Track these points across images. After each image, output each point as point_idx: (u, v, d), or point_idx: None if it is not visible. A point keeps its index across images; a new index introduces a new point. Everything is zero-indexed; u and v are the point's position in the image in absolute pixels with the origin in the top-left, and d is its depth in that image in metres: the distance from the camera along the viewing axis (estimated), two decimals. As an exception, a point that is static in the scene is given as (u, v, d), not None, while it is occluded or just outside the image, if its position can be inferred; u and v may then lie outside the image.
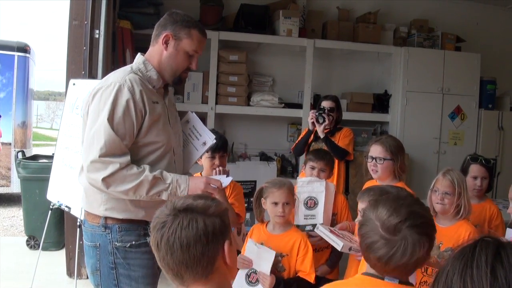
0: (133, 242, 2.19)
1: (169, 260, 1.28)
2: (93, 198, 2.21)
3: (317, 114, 4.28)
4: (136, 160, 2.15)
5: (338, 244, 2.63)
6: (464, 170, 3.34)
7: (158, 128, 2.22)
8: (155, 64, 2.27)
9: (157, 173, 2.12)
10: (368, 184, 3.12)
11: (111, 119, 2.07)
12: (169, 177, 2.15)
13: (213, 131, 2.66)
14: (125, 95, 2.11)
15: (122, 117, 2.09)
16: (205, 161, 3.06)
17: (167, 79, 2.32)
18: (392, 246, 1.51)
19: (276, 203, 2.71)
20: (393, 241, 1.52)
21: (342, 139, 4.30)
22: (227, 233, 1.36)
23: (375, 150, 3.03)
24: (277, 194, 2.73)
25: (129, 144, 2.13)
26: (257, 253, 2.67)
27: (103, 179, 2.05)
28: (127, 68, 2.27)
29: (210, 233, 1.29)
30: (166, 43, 2.24)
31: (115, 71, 2.29)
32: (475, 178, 3.29)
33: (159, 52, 2.26)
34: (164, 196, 2.13)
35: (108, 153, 2.05)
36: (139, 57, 2.32)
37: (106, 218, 2.19)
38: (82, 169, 2.17)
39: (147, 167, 2.12)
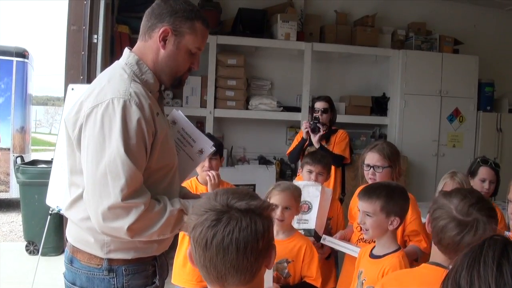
0: None
1: (219, 261, 1.16)
2: (91, 237, 1.77)
3: (311, 123, 4.26)
4: (147, 187, 1.74)
5: (354, 251, 2.64)
6: (473, 172, 3.32)
7: (167, 147, 1.83)
8: (149, 64, 1.83)
9: (179, 205, 1.75)
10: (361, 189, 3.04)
11: (127, 148, 1.63)
12: (189, 205, 1.76)
13: (208, 135, 2.58)
14: (135, 114, 1.66)
15: (136, 143, 1.65)
16: None
17: (165, 82, 1.89)
18: (465, 226, 1.65)
19: (276, 206, 2.64)
20: (466, 222, 1.65)
21: (338, 143, 4.31)
22: (274, 237, 1.27)
23: (372, 158, 2.91)
24: (278, 197, 2.66)
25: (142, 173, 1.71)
26: None
27: (129, 228, 1.63)
28: (121, 73, 1.79)
29: (266, 237, 1.20)
30: (164, 39, 1.80)
31: (106, 77, 1.81)
32: (483, 181, 3.26)
33: (155, 50, 1.83)
34: (183, 229, 1.79)
35: (130, 194, 1.63)
36: (130, 56, 1.84)
37: (110, 259, 1.78)
38: (72, 202, 1.81)
39: (166, 200, 1.74)
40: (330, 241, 2.85)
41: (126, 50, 1.89)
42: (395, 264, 2.09)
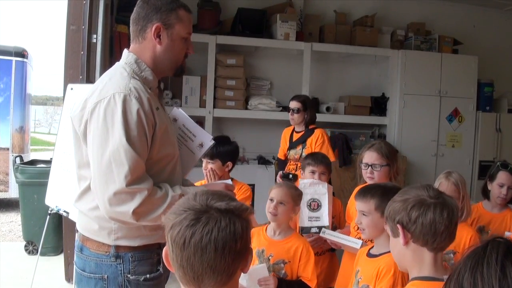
0: (147, 276, 1.94)
1: (196, 261, 1.15)
2: (99, 225, 1.90)
3: (283, 175, 4.21)
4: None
5: (356, 243, 2.64)
6: (491, 176, 3.24)
7: (168, 139, 1.95)
8: (148, 62, 1.96)
9: (180, 191, 1.86)
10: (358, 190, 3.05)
11: (128, 137, 1.75)
12: (189, 192, 1.82)
13: (224, 138, 2.67)
14: (134, 106, 1.79)
15: (137, 133, 1.78)
16: None
17: (167, 73, 2.05)
18: (446, 206, 1.65)
19: (271, 200, 2.69)
20: (443, 202, 1.66)
21: (318, 148, 4.30)
22: (251, 241, 1.27)
23: (371, 157, 2.92)
24: (274, 191, 2.72)
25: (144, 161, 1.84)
26: (248, 276, 2.49)
27: (134, 212, 1.74)
28: (121, 71, 1.93)
29: (244, 238, 1.19)
30: (158, 36, 1.93)
31: (108, 76, 1.96)
32: (501, 186, 3.15)
33: (151, 47, 1.95)
34: None
35: (134, 180, 1.75)
36: (129, 56, 1.98)
37: (117, 246, 1.90)
38: (81, 194, 1.94)
39: (167, 186, 1.87)
40: (330, 234, 2.86)
41: (125, 51, 2.01)
42: (390, 263, 2.09)
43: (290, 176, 4.17)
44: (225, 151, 3.23)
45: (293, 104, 4.47)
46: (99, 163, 1.77)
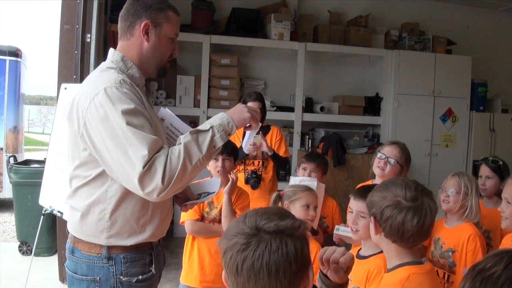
0: (140, 277, 1.92)
1: (251, 287, 1.11)
2: (91, 224, 1.87)
3: (248, 176, 4.19)
4: None
5: None
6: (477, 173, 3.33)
7: (158, 136, 1.86)
8: (135, 59, 1.97)
9: (192, 130, 1.82)
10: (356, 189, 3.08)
11: (130, 121, 1.72)
12: (205, 123, 1.85)
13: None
14: (128, 95, 1.78)
15: (138, 115, 1.76)
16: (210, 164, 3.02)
17: (151, 73, 2.03)
18: (420, 210, 1.72)
19: (308, 206, 2.69)
20: (419, 206, 1.73)
21: (277, 146, 4.30)
22: (310, 256, 1.21)
23: (392, 151, 2.98)
24: (310, 196, 2.72)
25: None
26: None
27: (162, 180, 1.68)
28: (108, 69, 1.94)
29: (299, 258, 1.13)
30: (146, 33, 1.93)
31: (95, 74, 1.98)
32: (480, 177, 3.25)
33: (138, 44, 1.96)
34: (219, 143, 1.82)
35: (150, 157, 1.70)
36: (115, 54, 1.99)
37: (109, 247, 1.88)
38: (75, 191, 1.91)
39: (180, 137, 1.81)
40: (344, 231, 2.83)
41: (111, 50, 2.02)
42: (380, 264, 2.09)
43: (255, 180, 4.16)
44: (235, 147, 3.21)
45: (257, 105, 4.23)
46: (116, 154, 1.72)
